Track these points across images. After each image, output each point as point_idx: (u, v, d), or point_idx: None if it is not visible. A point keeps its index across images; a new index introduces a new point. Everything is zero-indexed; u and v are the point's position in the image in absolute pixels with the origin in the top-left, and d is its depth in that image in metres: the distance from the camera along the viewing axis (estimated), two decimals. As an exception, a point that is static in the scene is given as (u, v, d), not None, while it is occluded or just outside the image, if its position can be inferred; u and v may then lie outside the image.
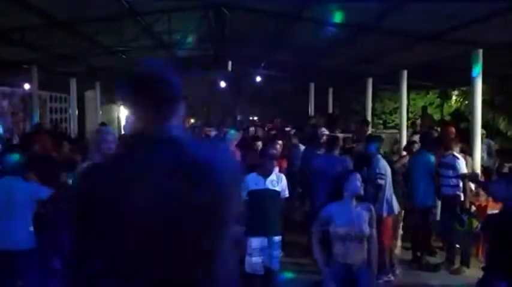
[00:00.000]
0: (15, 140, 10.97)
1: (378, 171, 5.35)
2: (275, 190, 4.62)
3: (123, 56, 9.67)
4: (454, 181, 5.80)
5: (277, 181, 4.67)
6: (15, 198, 3.83)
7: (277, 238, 4.64)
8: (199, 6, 7.03)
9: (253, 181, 4.57)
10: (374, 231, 3.69)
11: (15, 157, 4.01)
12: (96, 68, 11.35)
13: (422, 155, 6.14)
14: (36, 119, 10.29)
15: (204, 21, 8.00)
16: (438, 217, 6.40)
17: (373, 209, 3.76)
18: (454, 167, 5.78)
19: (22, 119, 11.89)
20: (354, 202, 3.65)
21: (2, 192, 3.86)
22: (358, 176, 3.76)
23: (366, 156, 5.66)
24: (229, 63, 8.55)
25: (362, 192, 3.74)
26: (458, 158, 5.85)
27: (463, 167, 5.82)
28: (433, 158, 6.03)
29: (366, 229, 3.60)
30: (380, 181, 5.30)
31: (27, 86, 10.80)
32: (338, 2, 6.06)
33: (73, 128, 12.29)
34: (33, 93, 10.23)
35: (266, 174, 4.62)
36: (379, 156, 5.59)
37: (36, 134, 7.31)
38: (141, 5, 6.17)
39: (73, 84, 12.08)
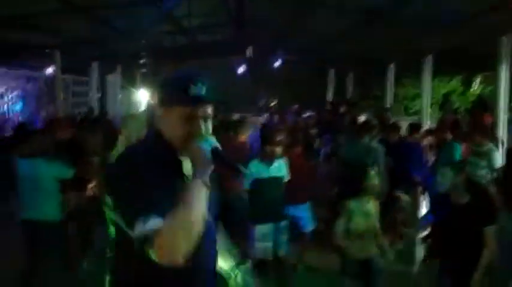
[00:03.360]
0: (39, 123, 11.24)
1: None
2: (279, 177, 4.60)
3: (143, 41, 9.71)
4: (483, 172, 5.63)
5: (280, 167, 4.64)
6: (43, 175, 3.99)
7: (284, 223, 4.64)
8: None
9: (257, 169, 4.52)
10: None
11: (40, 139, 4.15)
12: (117, 52, 11.45)
13: (452, 146, 5.98)
14: (59, 102, 10.45)
15: (223, 6, 7.97)
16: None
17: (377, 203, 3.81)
18: (489, 157, 5.59)
19: (46, 103, 12.11)
20: (369, 198, 3.68)
21: (30, 170, 4.03)
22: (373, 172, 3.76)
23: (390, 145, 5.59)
24: (249, 49, 8.49)
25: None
26: (495, 149, 5.65)
27: (498, 159, 5.57)
28: (460, 148, 5.90)
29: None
30: None
31: (50, 70, 10.96)
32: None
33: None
34: (57, 77, 10.38)
35: (269, 161, 4.57)
36: None
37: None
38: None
39: (95, 68, 12.23)
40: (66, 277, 4.30)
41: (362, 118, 9.13)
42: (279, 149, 4.64)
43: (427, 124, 9.79)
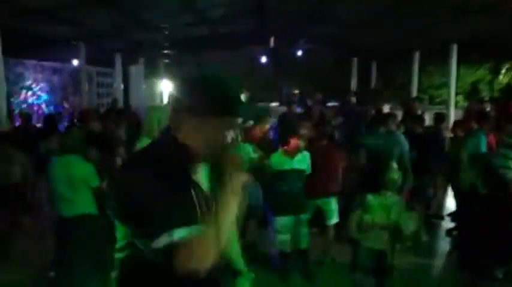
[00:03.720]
0: (66, 114, 11.49)
1: None
2: (301, 169, 4.57)
3: (166, 32, 9.76)
4: None
5: (303, 160, 4.62)
6: (74, 175, 4.04)
7: (305, 216, 4.63)
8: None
9: (279, 160, 4.52)
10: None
11: (74, 136, 4.20)
12: (140, 43, 11.55)
13: (478, 135, 5.85)
14: (84, 93, 10.65)
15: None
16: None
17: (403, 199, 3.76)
18: None
19: (71, 94, 12.35)
20: (390, 192, 3.64)
21: (62, 169, 4.08)
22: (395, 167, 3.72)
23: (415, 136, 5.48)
24: (271, 39, 8.43)
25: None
26: None
27: None
28: (485, 139, 5.78)
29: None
30: None
31: (75, 62, 11.15)
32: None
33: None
34: (81, 68, 10.56)
35: (292, 154, 4.55)
36: None
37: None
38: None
39: (118, 59, 12.39)
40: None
41: (386, 108, 8.98)
42: (302, 142, 4.63)
43: (453, 114, 9.63)
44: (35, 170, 5.20)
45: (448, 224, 6.35)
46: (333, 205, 4.95)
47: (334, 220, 4.96)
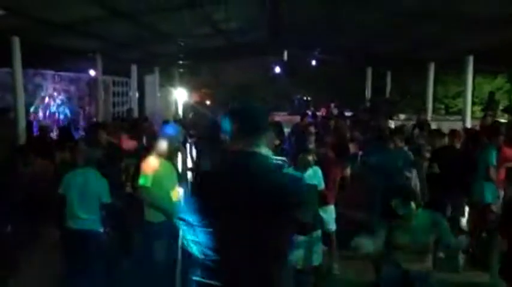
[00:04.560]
0: (82, 123, 11.65)
1: None
2: (313, 184, 4.53)
3: (182, 44, 9.86)
4: None
5: (314, 174, 4.61)
6: (88, 189, 4.10)
7: (317, 233, 4.57)
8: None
9: None
10: None
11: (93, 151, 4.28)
12: (156, 54, 11.69)
13: (488, 150, 5.80)
14: (100, 102, 10.78)
15: (260, 9, 7.98)
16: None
17: None
18: None
19: (88, 103, 12.51)
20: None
21: (78, 182, 4.17)
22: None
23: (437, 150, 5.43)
24: (285, 52, 8.48)
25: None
26: None
27: None
28: (495, 153, 5.71)
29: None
30: None
31: (92, 72, 11.31)
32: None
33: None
34: (98, 78, 10.70)
35: (303, 169, 4.52)
36: None
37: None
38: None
39: (134, 69, 12.55)
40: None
41: (391, 123, 8.89)
42: (311, 157, 4.64)
43: (470, 125, 9.50)
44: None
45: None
46: (329, 213, 5.07)
47: (333, 227, 5.03)
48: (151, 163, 4.20)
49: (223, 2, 7.00)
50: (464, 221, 6.39)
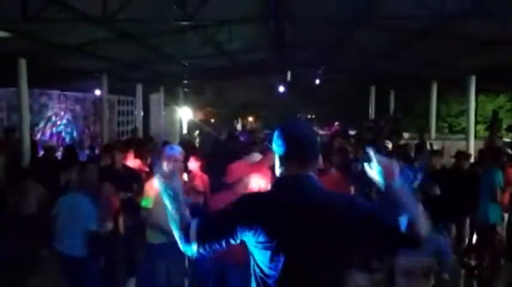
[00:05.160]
0: (87, 143, 11.71)
1: None
2: None
3: (186, 64, 9.99)
4: None
5: None
6: (76, 214, 4.11)
7: None
8: (259, 18, 7.10)
9: None
10: None
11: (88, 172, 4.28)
12: (160, 74, 11.83)
13: (492, 171, 5.77)
14: (105, 121, 10.86)
15: (263, 30, 8.09)
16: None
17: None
18: None
19: (92, 122, 12.61)
20: None
21: (67, 205, 4.18)
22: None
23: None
24: (289, 73, 8.55)
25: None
26: None
27: None
28: (501, 174, 5.69)
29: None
30: None
31: (97, 92, 11.43)
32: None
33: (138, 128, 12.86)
34: (103, 98, 10.81)
35: None
36: None
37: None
38: (204, 18, 6.32)
39: (139, 88, 12.69)
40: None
41: (388, 144, 8.83)
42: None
43: (473, 144, 9.49)
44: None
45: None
46: None
47: None
48: (154, 184, 4.22)
49: (226, 23, 7.11)
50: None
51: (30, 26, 5.65)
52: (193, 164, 5.34)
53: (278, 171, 1.87)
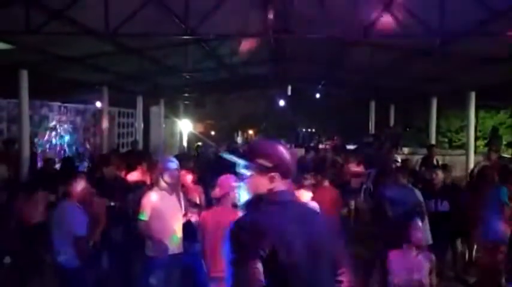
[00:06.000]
0: (86, 156, 11.70)
1: None
2: None
3: (187, 77, 10.03)
4: None
5: None
6: (63, 222, 4.09)
7: None
8: (260, 33, 7.15)
9: None
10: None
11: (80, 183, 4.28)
12: (161, 86, 11.87)
13: (498, 189, 5.73)
14: (105, 133, 10.86)
15: (264, 44, 8.14)
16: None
17: (434, 258, 3.61)
18: None
19: (93, 134, 12.61)
20: (414, 251, 3.54)
21: (56, 216, 4.17)
22: (419, 224, 3.63)
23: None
24: (289, 87, 8.60)
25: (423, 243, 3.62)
26: None
27: None
28: (506, 191, 5.65)
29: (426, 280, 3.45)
30: None
31: (98, 104, 11.44)
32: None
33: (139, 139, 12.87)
34: (104, 110, 10.83)
35: None
36: None
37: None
38: (206, 32, 6.36)
39: (139, 100, 12.72)
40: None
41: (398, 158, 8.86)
42: (307, 194, 4.62)
43: (473, 160, 9.49)
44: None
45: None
46: None
47: None
48: (151, 197, 4.24)
49: (227, 38, 7.15)
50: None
51: (32, 38, 5.68)
52: (188, 177, 5.33)
53: (258, 187, 1.87)
